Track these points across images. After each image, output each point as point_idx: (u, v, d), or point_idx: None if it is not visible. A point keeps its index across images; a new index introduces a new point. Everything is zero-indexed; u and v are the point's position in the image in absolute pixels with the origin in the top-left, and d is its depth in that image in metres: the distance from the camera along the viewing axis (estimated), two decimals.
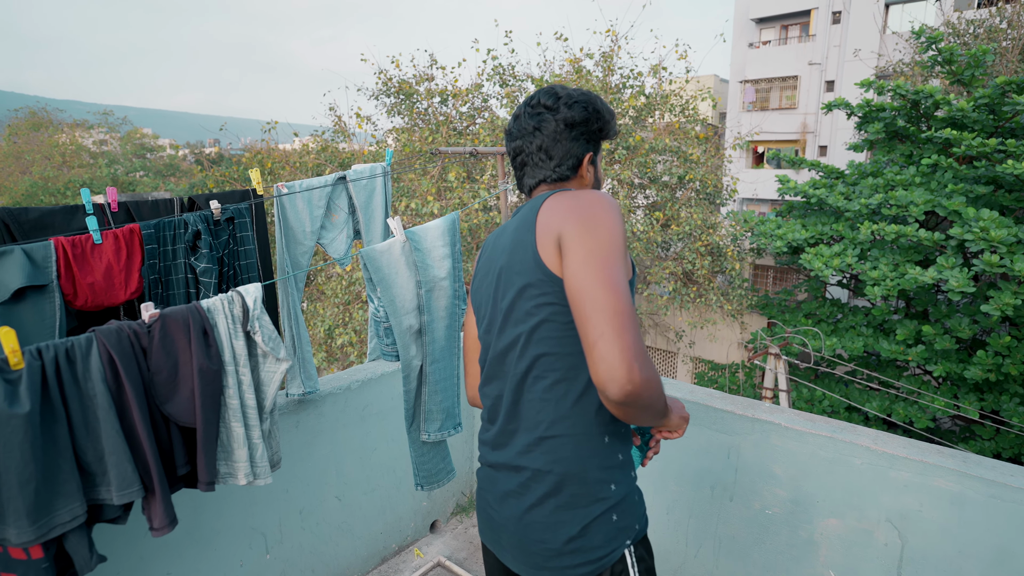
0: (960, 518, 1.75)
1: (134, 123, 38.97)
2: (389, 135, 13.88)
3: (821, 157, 22.30)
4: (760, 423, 2.08)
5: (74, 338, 1.18)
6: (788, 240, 11.35)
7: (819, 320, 12.12)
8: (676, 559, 2.39)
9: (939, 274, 8.55)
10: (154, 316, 1.28)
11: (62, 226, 1.56)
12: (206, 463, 1.35)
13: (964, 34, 15.32)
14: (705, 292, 11.52)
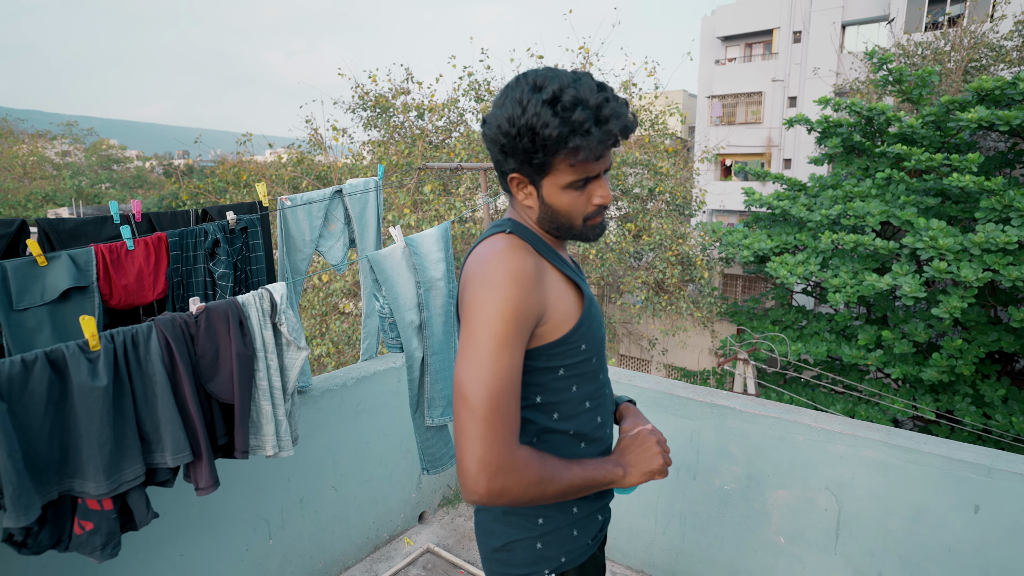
0: (884, 482, 2.01)
1: (100, 134, 38.11)
2: (365, 148, 14.01)
3: (785, 170, 23.15)
4: (718, 408, 2.32)
5: (137, 326, 1.35)
6: (754, 250, 11.82)
7: (785, 327, 12.60)
8: (647, 536, 2.60)
9: (894, 280, 9.03)
10: (200, 308, 1.46)
11: (93, 235, 1.71)
12: (243, 434, 1.53)
13: (913, 55, 16.20)
14: (676, 300, 11.88)
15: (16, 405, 1.16)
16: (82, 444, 1.24)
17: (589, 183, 1.03)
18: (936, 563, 1.94)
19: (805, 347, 11.49)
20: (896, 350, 9.66)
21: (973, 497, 1.86)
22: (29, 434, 1.17)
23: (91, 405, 1.24)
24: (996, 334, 9.54)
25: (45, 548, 1.32)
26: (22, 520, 1.10)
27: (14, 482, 1.11)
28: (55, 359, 1.26)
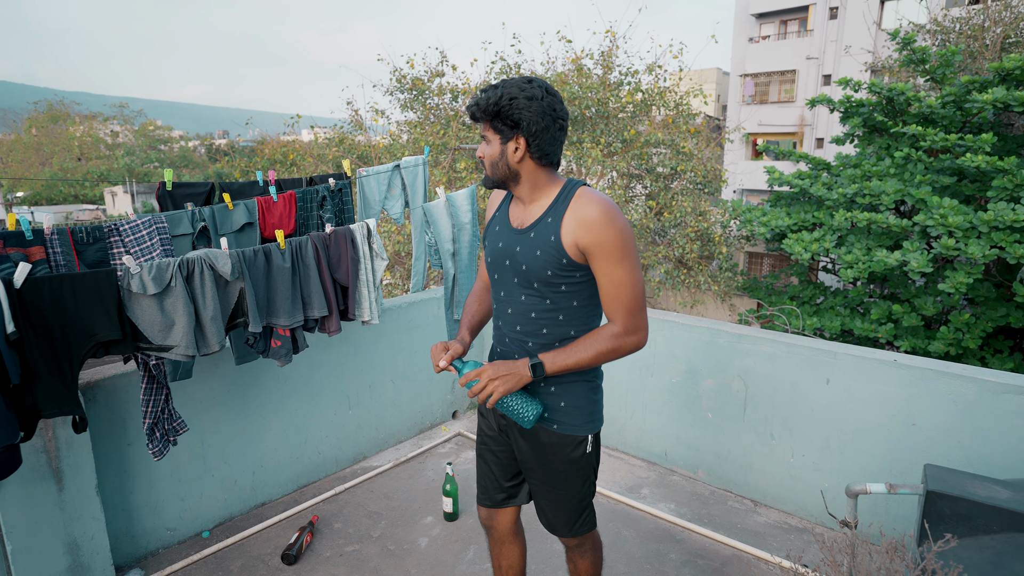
0: (773, 368, 2.82)
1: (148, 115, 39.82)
2: (402, 129, 14.93)
3: (818, 149, 23.10)
4: (667, 323, 3.17)
5: (300, 237, 2.32)
6: (772, 227, 12.38)
7: (803, 302, 13.13)
8: (619, 422, 3.49)
9: (903, 256, 9.51)
10: (332, 231, 2.42)
11: (249, 192, 2.67)
12: (353, 304, 2.51)
13: (950, 31, 16.13)
14: (695, 275, 12.52)
15: (251, 273, 2.11)
16: (277, 297, 2.17)
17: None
18: (804, 421, 2.77)
19: (820, 321, 12.05)
20: (905, 323, 10.16)
21: (826, 373, 2.68)
22: (257, 290, 2.12)
23: (281, 277, 2.17)
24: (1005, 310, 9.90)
25: (261, 351, 2.29)
26: (257, 328, 2.07)
27: (254, 312, 2.07)
28: (266, 251, 2.18)
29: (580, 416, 1.59)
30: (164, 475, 2.59)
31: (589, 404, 1.61)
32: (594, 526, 1.78)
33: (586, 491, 1.70)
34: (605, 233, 1.41)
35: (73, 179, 32.26)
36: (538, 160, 1.48)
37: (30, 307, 1.63)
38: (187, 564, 2.55)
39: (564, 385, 1.58)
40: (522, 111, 1.41)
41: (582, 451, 1.61)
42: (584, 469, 1.66)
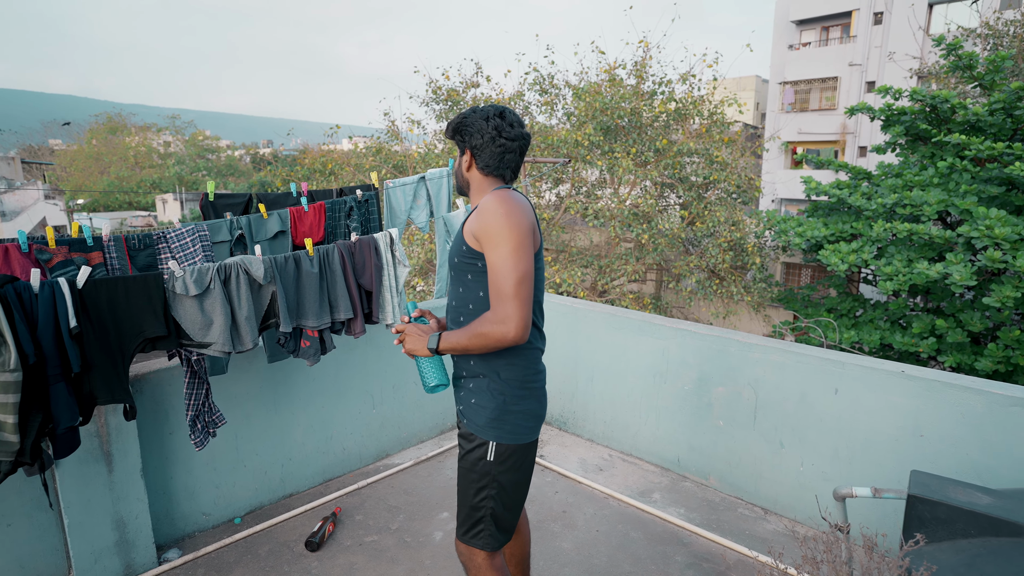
0: (783, 377, 2.86)
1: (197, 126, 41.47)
2: (438, 139, 15.24)
3: (861, 158, 22.49)
4: (680, 331, 3.24)
5: (327, 244, 2.51)
6: (807, 237, 12.15)
7: (841, 315, 12.83)
8: (633, 427, 3.56)
9: (945, 269, 9.22)
10: (356, 239, 2.61)
11: (283, 202, 2.88)
12: (376, 308, 2.67)
13: (1003, 35, 15.55)
14: (728, 285, 12.38)
15: (282, 278, 2.31)
16: (305, 301, 2.37)
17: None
18: (813, 430, 2.80)
19: (858, 334, 11.75)
20: (949, 339, 9.81)
21: (834, 383, 2.70)
22: (287, 293, 2.31)
23: (310, 282, 2.36)
24: None
25: (291, 350, 2.47)
26: (287, 328, 2.26)
27: (284, 314, 2.27)
28: (296, 258, 2.37)
29: (481, 417, 1.63)
30: (201, 463, 2.81)
31: (494, 410, 1.62)
32: (485, 549, 1.68)
33: (479, 502, 1.66)
34: (486, 218, 1.52)
35: (128, 187, 33.85)
36: (482, 171, 1.67)
37: (89, 305, 1.84)
38: (220, 547, 2.75)
39: (476, 382, 1.66)
40: (469, 128, 1.63)
41: (481, 454, 1.63)
42: (479, 475, 1.64)
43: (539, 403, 1.70)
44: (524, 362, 1.65)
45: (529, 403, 1.66)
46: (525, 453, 1.68)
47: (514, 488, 1.69)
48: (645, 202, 11.66)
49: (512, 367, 1.64)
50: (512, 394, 1.63)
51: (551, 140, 12.01)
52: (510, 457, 1.65)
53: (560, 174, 13.12)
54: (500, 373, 1.64)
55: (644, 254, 11.90)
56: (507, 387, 1.62)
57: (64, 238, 2.03)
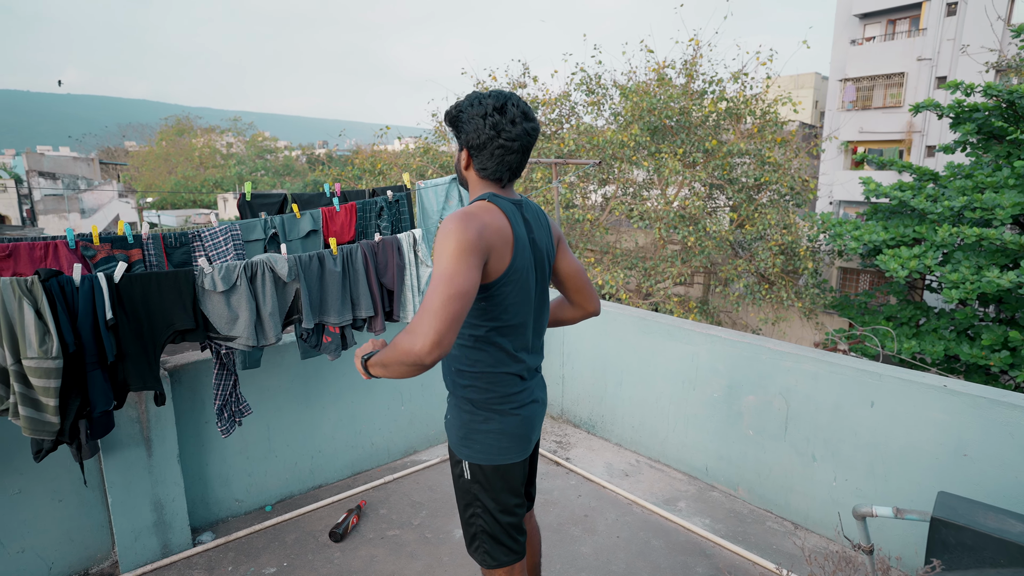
0: (816, 387, 2.73)
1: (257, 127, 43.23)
2: None
3: (929, 158, 21.28)
4: (710, 336, 3.15)
5: (352, 244, 2.58)
6: (864, 241, 11.59)
7: (901, 323, 12.16)
8: (662, 433, 3.49)
9: (1019, 277, 8.61)
10: (380, 240, 2.67)
11: (317, 202, 2.99)
12: (398, 307, 2.74)
13: None
14: (778, 290, 11.96)
15: (306, 276, 2.40)
16: (328, 298, 2.46)
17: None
18: (847, 443, 2.66)
19: (920, 345, 11.12)
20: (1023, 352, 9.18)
21: (870, 395, 2.56)
22: (311, 291, 2.41)
23: (333, 280, 2.44)
24: None
25: (313, 345, 2.57)
26: (309, 324, 2.35)
27: (307, 310, 2.36)
28: (320, 257, 2.45)
29: (454, 435, 1.59)
30: (235, 452, 2.94)
31: (462, 427, 1.56)
32: (489, 567, 1.64)
33: (468, 518, 1.62)
34: (438, 235, 1.39)
35: (192, 186, 35.53)
36: (479, 173, 1.51)
37: (124, 299, 1.96)
38: (250, 532, 2.87)
39: (449, 397, 1.62)
40: (464, 124, 1.46)
41: (460, 471, 1.59)
42: (462, 492, 1.60)
43: (516, 422, 1.55)
44: (486, 385, 1.52)
45: (499, 423, 1.53)
46: (503, 473, 1.56)
47: (499, 507, 1.58)
48: (692, 204, 11.40)
49: (473, 388, 1.53)
50: (477, 414, 1.54)
51: (596, 141, 11.91)
52: (485, 477, 1.55)
53: (606, 174, 13.00)
54: (463, 392, 1.55)
55: (690, 257, 11.64)
56: (471, 406, 1.54)
57: (107, 236, 2.17)
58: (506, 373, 1.53)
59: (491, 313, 1.47)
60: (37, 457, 1.96)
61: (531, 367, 1.59)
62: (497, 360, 1.51)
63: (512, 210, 1.49)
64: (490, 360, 1.51)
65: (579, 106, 14.03)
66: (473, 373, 1.52)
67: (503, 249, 1.42)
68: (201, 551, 2.74)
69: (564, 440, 3.89)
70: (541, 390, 1.67)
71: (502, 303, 1.46)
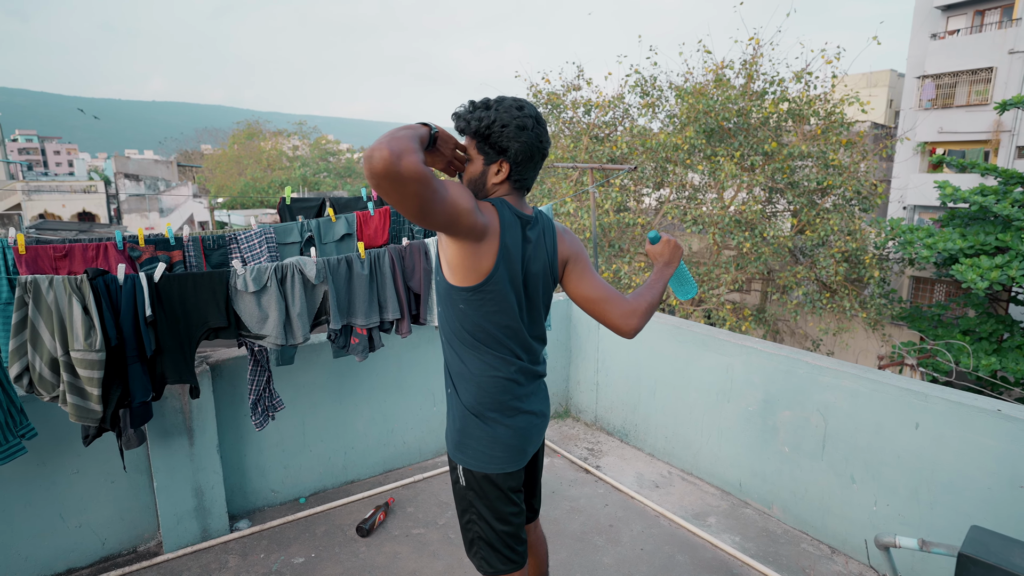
0: (856, 405, 2.57)
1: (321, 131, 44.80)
2: None
3: (1019, 160, 19.72)
4: (746, 348, 3.03)
5: (380, 248, 2.66)
6: (939, 249, 10.87)
7: (979, 338, 11.32)
8: (695, 445, 3.38)
9: None
10: (408, 244, 2.74)
11: (353, 206, 3.09)
12: (424, 310, 2.79)
13: None
14: (840, 299, 11.40)
15: (334, 278, 2.50)
16: (356, 300, 2.54)
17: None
18: (889, 467, 2.50)
19: (1000, 362, 10.33)
20: None
21: (915, 417, 2.39)
22: (338, 293, 2.50)
23: (360, 283, 2.53)
24: None
25: (342, 347, 2.66)
26: (336, 326, 2.44)
27: (335, 312, 2.45)
28: (348, 260, 2.54)
29: (450, 440, 1.59)
30: (272, 445, 3.07)
31: (457, 432, 1.56)
32: (487, 573, 1.61)
33: (467, 524, 1.60)
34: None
35: (260, 187, 37.21)
36: (513, 184, 1.50)
37: (163, 297, 2.10)
38: (284, 522, 2.99)
39: (448, 398, 1.60)
40: (511, 140, 1.43)
41: (455, 478, 1.59)
42: (459, 498, 1.60)
43: (509, 433, 1.53)
44: (479, 389, 1.51)
45: (491, 431, 1.51)
46: (496, 482, 1.53)
47: (494, 515, 1.55)
48: (749, 208, 11.01)
49: (466, 392, 1.53)
50: (469, 419, 1.53)
51: (649, 144, 11.70)
52: (479, 484, 1.54)
53: (659, 178, 12.74)
54: (460, 394, 1.54)
55: (746, 263, 11.24)
56: (464, 410, 1.53)
57: (151, 237, 2.33)
58: (498, 377, 1.51)
59: (474, 318, 1.47)
60: (85, 442, 2.13)
61: (527, 371, 1.57)
62: (490, 363, 1.51)
63: (511, 221, 1.47)
64: (484, 362, 1.50)
65: (633, 108, 13.81)
66: (466, 376, 1.52)
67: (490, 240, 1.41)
68: (237, 537, 2.88)
69: (596, 448, 3.85)
70: (541, 402, 1.64)
71: (484, 309, 1.46)
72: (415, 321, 2.83)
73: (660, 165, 11.74)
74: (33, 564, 2.57)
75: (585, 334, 4.09)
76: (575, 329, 4.16)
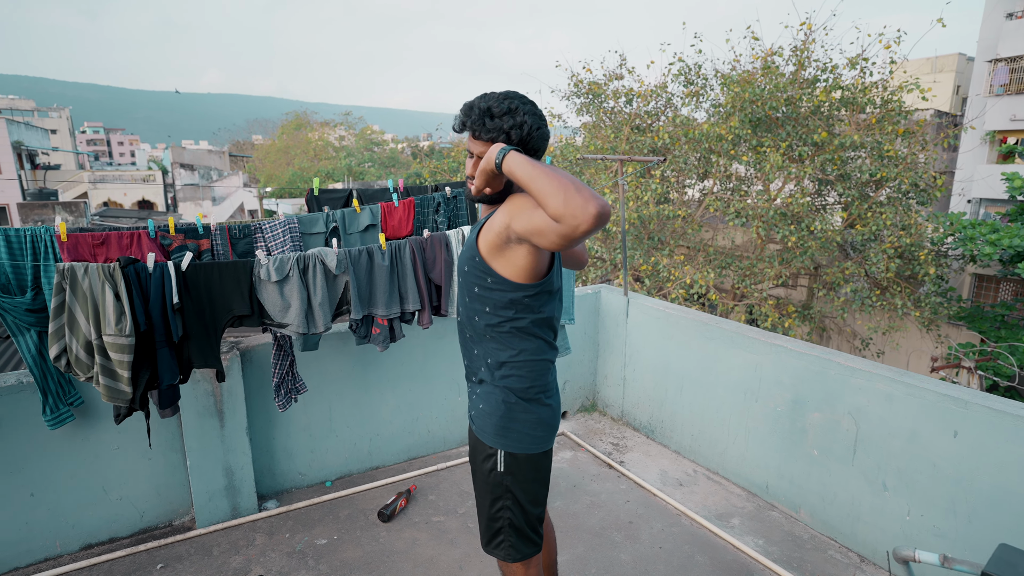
0: (890, 410, 2.44)
1: (366, 121, 45.52)
2: (576, 133, 15.19)
3: None
4: (775, 346, 2.92)
5: (400, 240, 2.70)
6: (1004, 247, 10.25)
7: None
8: (721, 444, 3.30)
9: None
10: (428, 236, 2.76)
11: (379, 197, 3.13)
12: (445, 301, 2.81)
13: None
14: (892, 297, 10.89)
15: (355, 269, 2.55)
16: (376, 291, 2.58)
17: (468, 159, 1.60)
18: (924, 475, 2.36)
19: None
20: None
21: (954, 424, 2.25)
22: (359, 284, 2.55)
23: (381, 274, 2.57)
24: None
25: (363, 337, 2.72)
26: (357, 316, 2.49)
27: (355, 302, 2.50)
28: (369, 251, 2.58)
29: (489, 425, 1.60)
30: (299, 429, 3.16)
31: (502, 417, 1.58)
32: (512, 560, 1.66)
33: (497, 512, 1.63)
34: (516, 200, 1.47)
35: (307, 176, 38.16)
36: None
37: (190, 285, 2.18)
38: (310, 504, 3.08)
39: (484, 387, 1.63)
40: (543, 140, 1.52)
41: (491, 465, 1.60)
42: (492, 487, 1.61)
43: (549, 413, 1.63)
44: (529, 373, 1.59)
45: (536, 412, 1.60)
46: (536, 463, 1.62)
47: (529, 498, 1.63)
48: (796, 201, 10.60)
49: (515, 377, 1.59)
50: (518, 404, 1.59)
51: (692, 134, 11.40)
52: (520, 467, 1.60)
53: (703, 169, 12.41)
54: (504, 382, 1.59)
55: (792, 257, 10.85)
56: (511, 396, 1.58)
57: (181, 226, 2.42)
58: (545, 360, 1.62)
59: (534, 307, 1.56)
60: (116, 420, 2.24)
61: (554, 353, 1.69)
62: (538, 348, 1.60)
63: None
64: (533, 348, 1.59)
65: (676, 98, 13.48)
66: (516, 363, 1.58)
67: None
68: (265, 516, 2.98)
69: (621, 443, 3.81)
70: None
71: (541, 300, 1.57)
72: (436, 312, 2.85)
73: (704, 156, 11.43)
74: (80, 532, 2.73)
75: (613, 328, 4.03)
76: (603, 323, 4.12)
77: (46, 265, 2.18)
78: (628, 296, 3.94)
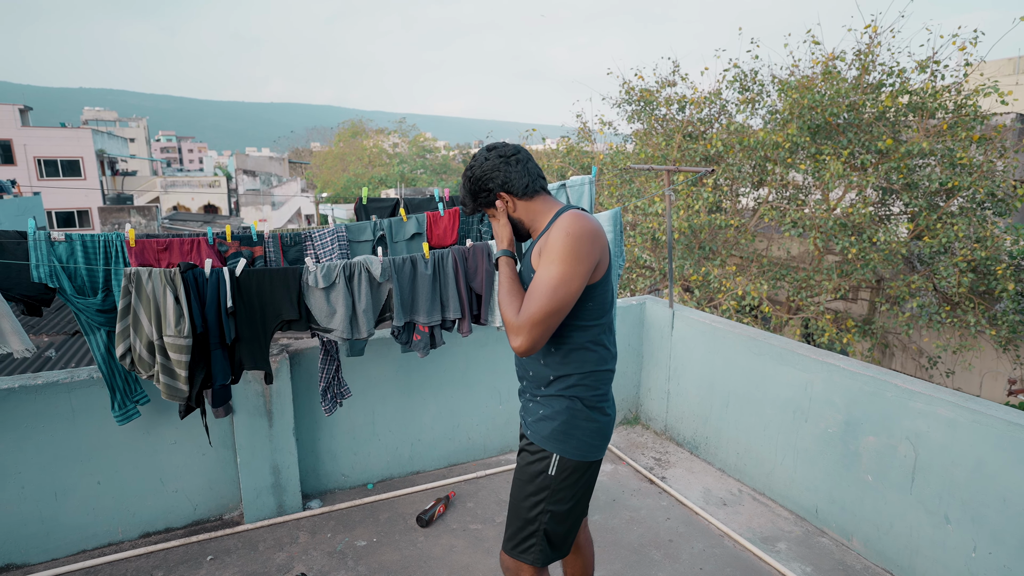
0: (952, 437, 2.28)
1: (419, 128, 46.49)
2: (627, 141, 15.02)
3: None
4: (827, 365, 2.79)
5: (442, 249, 2.74)
6: None
7: None
8: (768, 464, 3.17)
9: None
10: (471, 245, 2.79)
11: (425, 206, 3.19)
12: (486, 310, 2.84)
13: None
14: (963, 314, 10.26)
15: (399, 277, 2.62)
16: (419, 299, 2.63)
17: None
18: (993, 510, 2.19)
19: None
20: None
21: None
22: (402, 291, 2.61)
23: (423, 282, 2.62)
24: None
25: (405, 343, 2.77)
26: (399, 323, 2.55)
27: (398, 309, 2.56)
28: (413, 260, 2.63)
29: (547, 429, 1.65)
30: (343, 432, 3.25)
31: (565, 423, 1.64)
32: (535, 564, 1.69)
33: (534, 516, 1.67)
34: (554, 234, 1.52)
35: (361, 183, 39.28)
36: (524, 196, 1.66)
37: (243, 290, 2.28)
38: (351, 505, 3.16)
39: (548, 398, 1.68)
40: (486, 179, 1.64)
41: (543, 467, 1.65)
42: (537, 488, 1.66)
43: (608, 423, 1.70)
44: (595, 383, 1.65)
45: (598, 421, 1.67)
46: (587, 471, 1.68)
47: (572, 505, 1.68)
48: (857, 211, 10.13)
49: (582, 387, 1.65)
50: (582, 412, 1.64)
51: (746, 141, 11.09)
52: (572, 473, 1.65)
53: (758, 177, 12.05)
54: (572, 391, 1.65)
55: (851, 269, 10.37)
56: (580, 404, 1.64)
57: (237, 234, 2.53)
58: (608, 371, 1.69)
59: (596, 312, 1.62)
60: (181, 415, 2.37)
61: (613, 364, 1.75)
62: (602, 358, 1.67)
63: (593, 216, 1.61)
64: (596, 359, 1.65)
65: (730, 104, 13.16)
66: (582, 373, 1.64)
67: (605, 253, 1.58)
68: (308, 515, 3.07)
69: (664, 458, 3.72)
70: None
71: (603, 302, 1.62)
72: (476, 321, 2.88)
73: (759, 164, 11.09)
74: (139, 520, 2.89)
75: (658, 340, 3.96)
76: (647, 334, 4.05)
77: (116, 269, 2.34)
78: (673, 308, 3.87)
